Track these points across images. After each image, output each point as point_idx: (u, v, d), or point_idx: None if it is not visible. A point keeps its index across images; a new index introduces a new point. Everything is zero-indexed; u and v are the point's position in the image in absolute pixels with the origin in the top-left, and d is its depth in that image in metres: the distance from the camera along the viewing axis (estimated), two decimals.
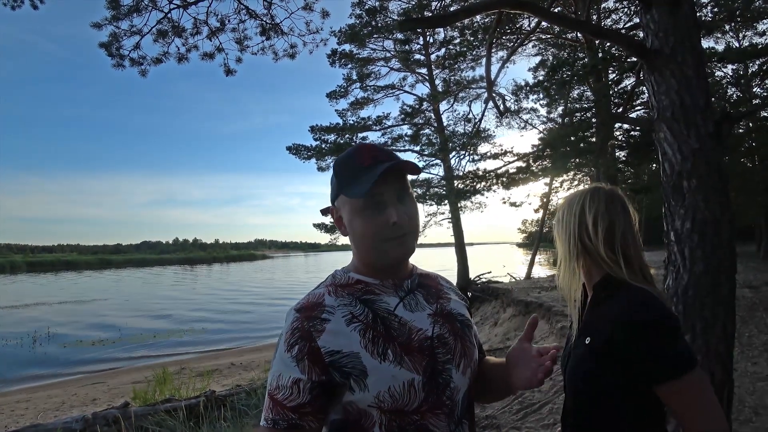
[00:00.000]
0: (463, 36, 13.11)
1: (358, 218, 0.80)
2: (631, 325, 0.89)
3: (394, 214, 0.78)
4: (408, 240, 0.81)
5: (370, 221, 0.79)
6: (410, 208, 0.82)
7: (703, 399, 0.88)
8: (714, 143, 2.21)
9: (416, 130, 16.50)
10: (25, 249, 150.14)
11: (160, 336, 13.51)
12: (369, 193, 0.77)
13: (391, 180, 0.79)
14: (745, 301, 7.47)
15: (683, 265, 2.24)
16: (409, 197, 0.83)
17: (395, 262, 0.82)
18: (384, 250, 0.80)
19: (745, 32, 12.58)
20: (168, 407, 4.24)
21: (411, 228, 0.81)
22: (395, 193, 0.80)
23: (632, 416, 0.94)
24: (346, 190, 0.80)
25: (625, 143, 10.02)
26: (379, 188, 0.78)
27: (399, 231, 0.79)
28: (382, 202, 0.79)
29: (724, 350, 2.16)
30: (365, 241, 0.81)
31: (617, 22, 11.63)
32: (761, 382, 4.08)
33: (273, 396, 0.74)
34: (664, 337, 0.87)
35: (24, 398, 7.58)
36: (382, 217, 0.78)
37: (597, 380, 0.95)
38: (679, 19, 2.29)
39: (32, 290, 30.41)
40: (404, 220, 0.79)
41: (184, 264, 78.22)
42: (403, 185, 0.82)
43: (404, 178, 0.83)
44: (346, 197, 0.81)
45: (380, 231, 0.79)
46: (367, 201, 0.79)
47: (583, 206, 1.05)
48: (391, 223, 0.78)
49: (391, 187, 0.79)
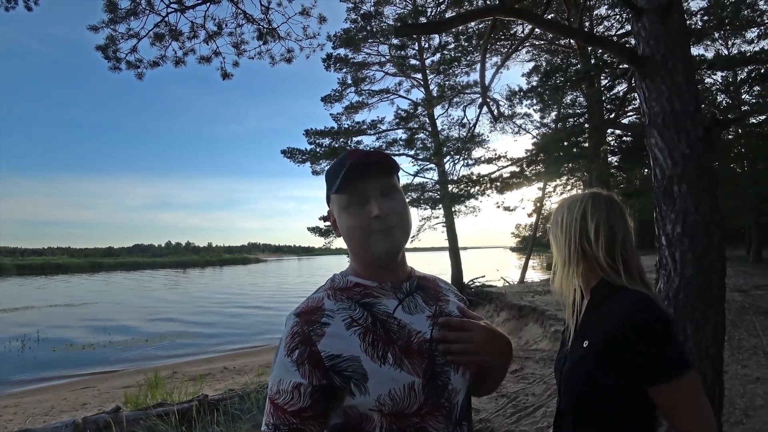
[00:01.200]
0: (457, 41, 13.19)
1: (344, 214, 0.83)
2: (632, 325, 0.89)
3: (375, 207, 0.79)
4: (395, 233, 0.82)
5: (354, 215, 0.81)
6: (396, 203, 0.83)
7: (696, 401, 0.89)
8: (704, 148, 2.25)
9: (411, 134, 16.55)
10: (15, 252, 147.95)
11: (152, 340, 13.35)
12: (351, 188, 0.80)
13: (375, 176, 0.81)
14: (735, 304, 7.57)
15: (674, 268, 2.27)
16: (395, 193, 0.84)
17: (382, 255, 0.82)
18: (368, 243, 0.81)
19: (734, 40, 12.82)
20: (160, 412, 4.18)
21: (397, 222, 0.82)
22: (379, 189, 0.82)
23: (629, 417, 0.95)
24: (333, 188, 0.82)
25: (618, 148, 10.13)
26: (362, 184, 0.80)
27: (381, 224, 0.80)
28: (365, 197, 0.81)
29: (715, 352, 2.19)
30: (352, 236, 0.82)
31: (609, 29, 11.82)
32: (751, 384, 4.13)
33: (274, 401, 0.74)
34: (662, 339, 0.88)
35: (12, 403, 7.44)
36: (365, 211, 0.80)
37: (596, 381, 0.95)
38: (669, 27, 2.34)
39: (21, 294, 29.94)
40: (386, 213, 0.80)
41: (177, 267, 77.46)
42: (388, 181, 0.84)
43: (389, 175, 0.84)
44: (332, 194, 0.84)
45: (364, 224, 0.80)
46: (351, 197, 0.81)
47: (585, 212, 1.05)
48: (373, 216, 0.79)
49: (375, 183, 0.81)
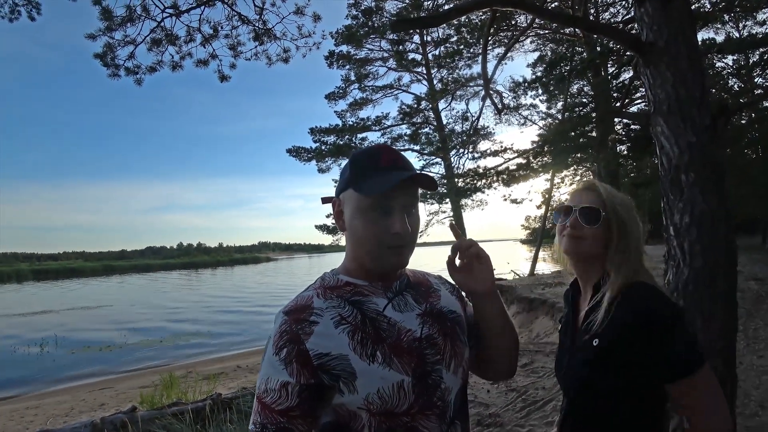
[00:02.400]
0: (459, 34, 13.09)
1: (360, 218, 0.79)
2: (647, 322, 0.89)
3: (398, 223, 0.78)
4: (405, 252, 0.82)
5: (373, 224, 0.78)
6: (414, 222, 0.82)
7: (715, 392, 0.91)
8: (710, 136, 2.20)
9: (415, 129, 16.49)
10: (32, 257, 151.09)
11: (167, 340, 13.57)
12: (380, 196, 0.76)
13: (405, 190, 0.79)
14: (751, 293, 7.41)
15: (683, 259, 2.23)
16: (415, 210, 0.83)
17: (388, 271, 0.83)
18: (380, 257, 0.80)
19: (745, 22, 12.47)
20: (175, 411, 4.25)
21: (410, 241, 0.81)
22: (404, 203, 0.79)
23: (636, 413, 0.95)
24: (358, 185, 0.78)
25: (626, 137, 9.96)
26: (391, 193, 0.77)
27: (399, 241, 0.79)
28: (389, 208, 0.78)
29: (726, 344, 2.15)
30: (363, 244, 0.80)
31: (615, 16, 11.59)
32: (767, 375, 4.06)
33: (261, 400, 0.74)
34: (679, 333, 0.89)
35: (33, 404, 7.64)
36: (385, 223, 0.78)
37: (606, 379, 0.95)
38: (672, 12, 2.28)
39: (39, 298, 30.60)
40: (406, 232, 0.79)
41: (189, 268, 78.39)
42: (414, 198, 0.82)
43: (416, 192, 0.82)
44: (356, 192, 0.79)
45: (381, 237, 0.78)
46: (375, 203, 0.78)
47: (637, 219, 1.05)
48: (393, 232, 0.78)
49: (402, 196, 0.79)
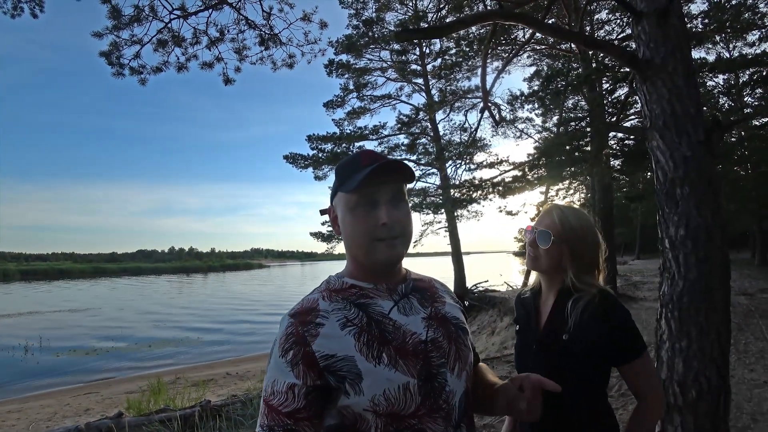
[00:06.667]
0: (458, 46, 13.26)
1: (349, 215, 0.81)
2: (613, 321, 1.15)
3: (385, 214, 0.79)
4: (397, 244, 0.81)
5: (361, 219, 0.80)
6: (403, 214, 0.82)
7: (653, 369, 1.21)
8: (705, 151, 2.24)
9: (413, 139, 16.57)
10: (19, 257, 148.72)
11: (155, 345, 13.37)
12: (362, 190, 0.78)
13: (387, 182, 0.80)
14: (741, 308, 7.49)
15: (678, 271, 2.26)
16: (403, 203, 0.83)
17: (384, 264, 0.82)
18: (373, 250, 0.80)
19: (736, 43, 12.81)
20: (163, 417, 4.18)
21: (401, 232, 0.81)
22: (389, 195, 0.81)
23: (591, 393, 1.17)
24: (343, 186, 0.81)
25: (620, 152, 10.10)
26: (372, 187, 0.78)
27: (389, 233, 0.79)
28: (374, 201, 0.80)
29: (719, 356, 2.17)
30: (355, 240, 0.81)
31: (610, 33, 11.82)
32: (758, 388, 4.08)
33: (268, 402, 0.73)
34: (632, 327, 1.16)
35: (15, 408, 7.45)
36: (372, 216, 0.79)
37: (571, 366, 1.15)
38: (668, 30, 2.34)
39: (25, 299, 30.04)
40: (394, 223, 0.79)
41: (180, 273, 77.64)
42: (399, 189, 0.83)
43: (400, 183, 0.83)
44: (341, 192, 0.82)
45: (370, 230, 0.79)
46: (360, 198, 0.79)
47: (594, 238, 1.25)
48: (381, 223, 0.78)
49: (386, 188, 0.80)
